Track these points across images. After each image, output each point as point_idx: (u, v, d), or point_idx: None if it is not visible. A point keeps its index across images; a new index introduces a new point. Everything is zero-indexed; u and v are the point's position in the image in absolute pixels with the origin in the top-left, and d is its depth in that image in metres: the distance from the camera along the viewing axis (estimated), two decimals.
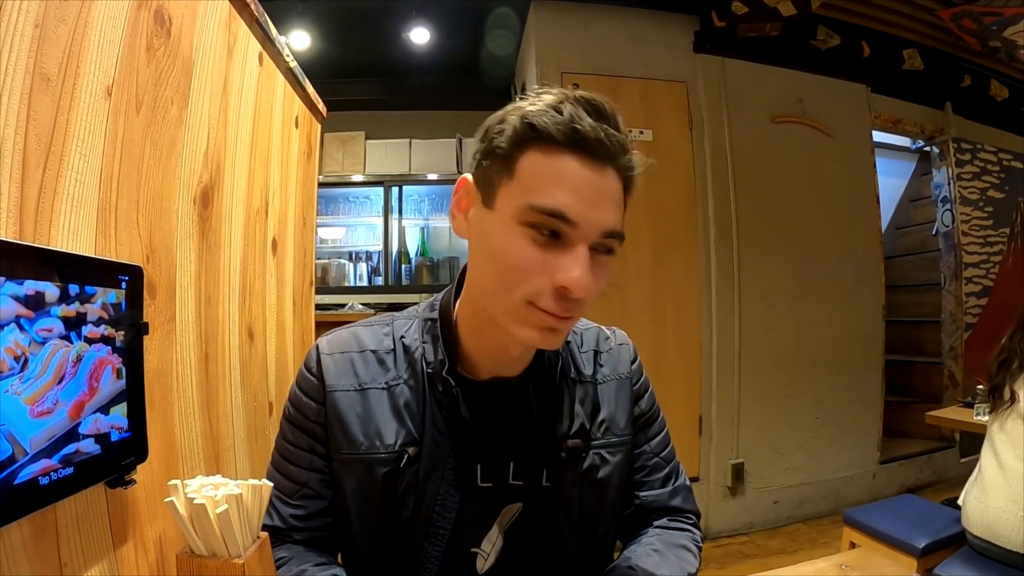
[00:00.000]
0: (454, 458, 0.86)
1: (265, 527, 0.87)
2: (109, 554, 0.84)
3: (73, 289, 0.74)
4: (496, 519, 0.88)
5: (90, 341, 0.77)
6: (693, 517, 1.02)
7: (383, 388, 0.87)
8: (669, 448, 1.03)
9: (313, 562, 0.85)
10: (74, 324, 0.74)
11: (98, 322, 0.79)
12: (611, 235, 0.72)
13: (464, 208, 0.80)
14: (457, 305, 0.89)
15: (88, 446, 0.77)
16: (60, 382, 0.72)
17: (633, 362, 1.01)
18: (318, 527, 0.90)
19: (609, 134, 0.69)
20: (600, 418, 0.93)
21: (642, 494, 0.98)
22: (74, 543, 0.77)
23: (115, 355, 0.83)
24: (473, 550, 0.89)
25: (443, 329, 0.88)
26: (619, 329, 1.05)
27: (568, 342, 0.95)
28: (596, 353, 0.98)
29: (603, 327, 1.04)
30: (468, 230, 0.80)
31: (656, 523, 0.99)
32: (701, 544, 0.97)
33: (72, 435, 0.74)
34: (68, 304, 0.73)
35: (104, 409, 0.80)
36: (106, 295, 0.81)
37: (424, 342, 0.89)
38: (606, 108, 0.71)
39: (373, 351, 0.90)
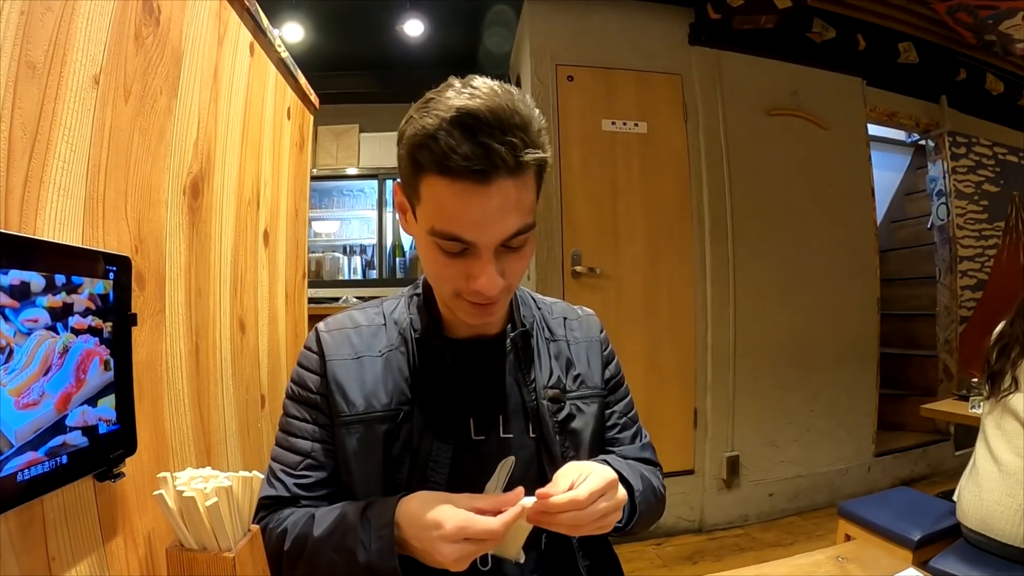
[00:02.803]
0: (445, 414, 0.92)
1: (269, 497, 0.91)
2: (98, 548, 0.83)
3: (59, 279, 0.73)
4: (492, 475, 0.90)
5: (77, 332, 0.76)
6: (658, 468, 1.11)
7: (377, 356, 0.95)
8: (634, 411, 1.13)
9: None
10: (60, 315, 0.73)
11: (85, 313, 0.78)
12: (516, 235, 0.78)
13: (404, 211, 0.88)
14: None
15: (75, 439, 0.76)
16: (46, 374, 0.71)
17: (601, 331, 1.11)
18: (320, 496, 0.93)
19: (489, 149, 0.71)
20: (575, 372, 1.02)
21: (616, 449, 1.07)
22: (62, 537, 0.76)
23: (103, 346, 0.82)
24: None
25: (427, 300, 0.97)
26: (585, 306, 1.15)
27: (539, 308, 1.06)
28: (566, 319, 1.08)
29: (569, 303, 1.13)
30: (409, 229, 0.88)
31: None
32: (664, 488, 1.08)
33: (59, 427, 0.73)
34: (54, 294, 0.73)
35: (92, 401, 0.79)
36: (93, 286, 0.80)
37: (411, 314, 0.98)
38: (483, 115, 0.71)
39: (367, 326, 0.98)
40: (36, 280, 0.70)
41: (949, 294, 4.37)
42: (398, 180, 0.86)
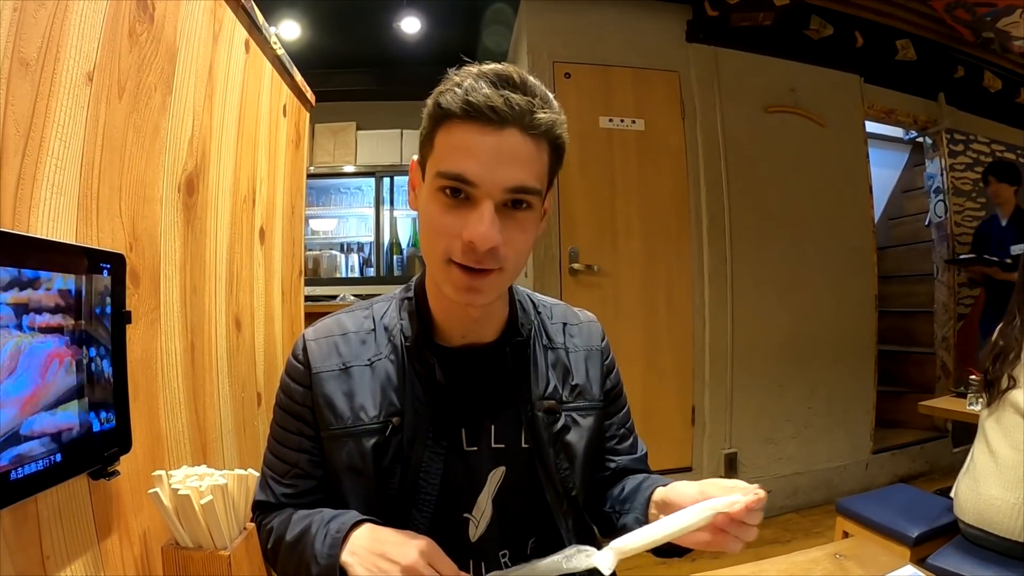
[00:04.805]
0: (435, 425, 0.90)
1: (259, 502, 0.91)
2: (93, 547, 0.82)
3: (53, 276, 0.73)
4: (484, 486, 0.90)
5: (69, 330, 0.76)
6: None
7: (366, 365, 0.92)
8: (631, 421, 1.12)
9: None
10: (53, 312, 0.73)
11: (79, 310, 0.78)
12: (519, 190, 0.78)
13: (415, 185, 0.89)
14: (426, 280, 0.94)
15: (70, 436, 0.76)
16: (38, 371, 0.71)
17: (603, 340, 1.08)
18: (309, 503, 0.93)
19: (508, 99, 0.75)
20: (573, 382, 1.00)
21: (616, 459, 1.06)
22: (57, 536, 0.76)
23: (97, 344, 0.81)
24: (464, 515, 0.93)
25: (418, 305, 0.94)
26: (586, 310, 1.12)
27: (539, 313, 1.03)
28: (565, 325, 1.05)
29: (570, 306, 1.10)
30: (417, 203, 0.88)
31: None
32: None
33: (53, 424, 0.73)
34: (48, 292, 0.72)
35: (86, 398, 0.79)
36: (87, 283, 0.79)
37: (401, 319, 0.95)
38: (512, 76, 0.78)
39: (355, 332, 0.95)
40: (29, 276, 0.69)
41: (947, 291, 4.37)
42: (415, 157, 0.88)
